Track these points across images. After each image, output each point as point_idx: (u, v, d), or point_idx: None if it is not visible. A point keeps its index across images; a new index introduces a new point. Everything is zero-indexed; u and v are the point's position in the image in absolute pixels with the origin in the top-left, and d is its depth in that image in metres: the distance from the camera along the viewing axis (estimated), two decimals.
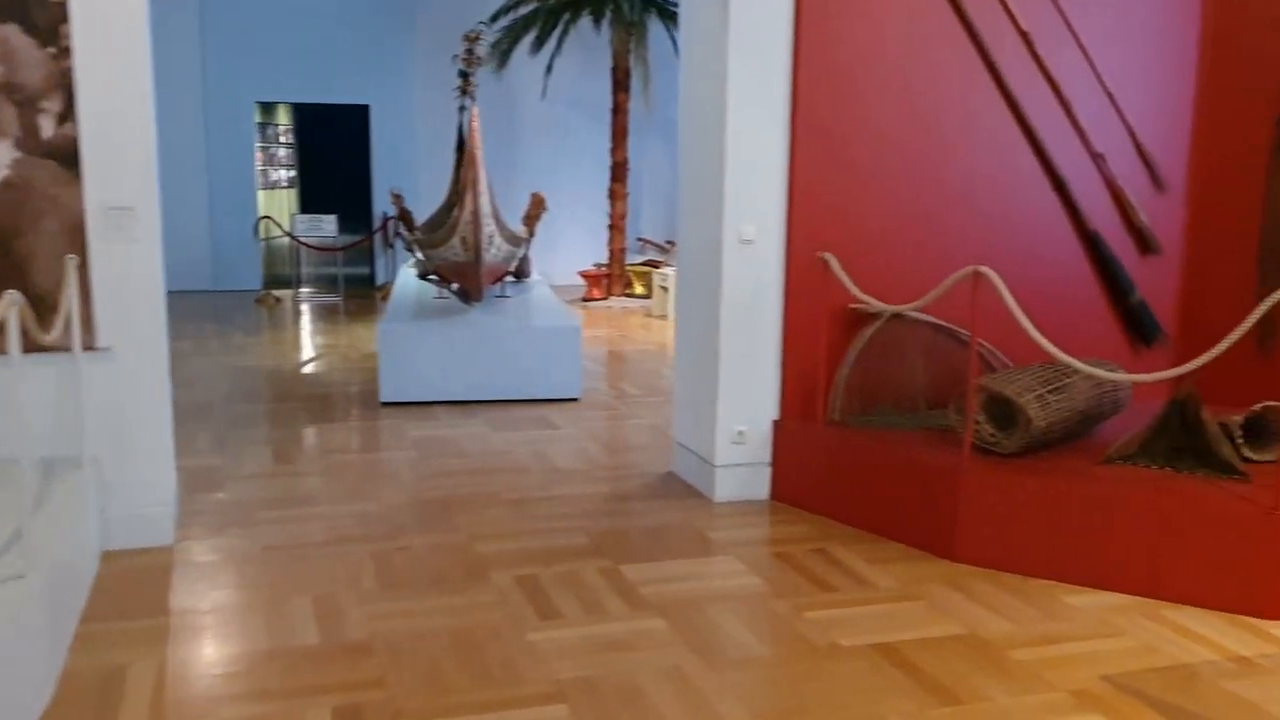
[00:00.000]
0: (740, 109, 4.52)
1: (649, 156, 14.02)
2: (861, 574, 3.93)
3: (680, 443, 5.18)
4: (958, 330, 4.71)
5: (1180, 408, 4.14)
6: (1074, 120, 4.86)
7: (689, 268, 5.06)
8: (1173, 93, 5.06)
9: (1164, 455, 4.12)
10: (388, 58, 13.35)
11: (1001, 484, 3.99)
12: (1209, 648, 3.32)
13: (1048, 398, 4.18)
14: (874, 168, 4.67)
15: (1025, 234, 4.91)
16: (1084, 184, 4.93)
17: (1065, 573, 3.84)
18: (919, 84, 4.68)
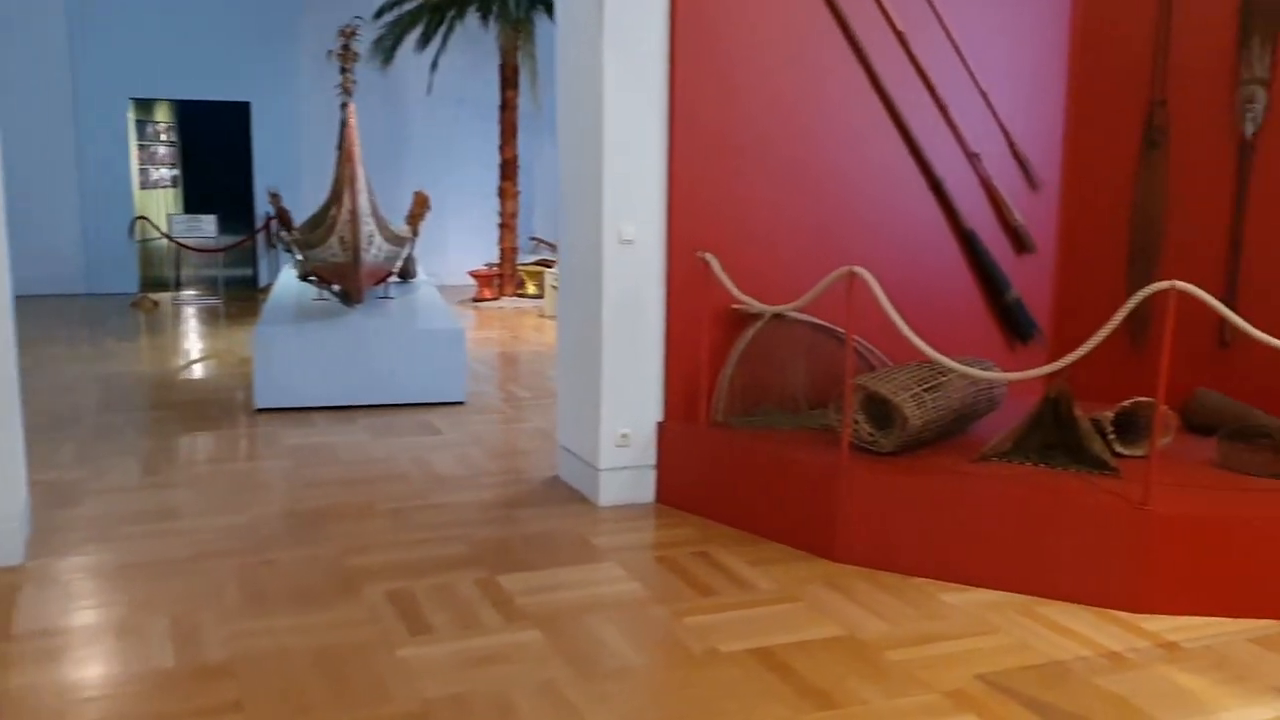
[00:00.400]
0: (617, 108, 4.45)
1: (541, 154, 13.89)
2: (743, 576, 3.90)
3: (564, 447, 5.09)
4: (838, 330, 4.71)
5: (1053, 404, 4.19)
6: (950, 120, 4.91)
7: (570, 268, 4.97)
8: (1045, 93, 5.14)
9: (1037, 452, 4.17)
10: (269, 53, 12.98)
11: (879, 483, 3.99)
12: (1081, 643, 3.36)
13: (924, 396, 4.20)
14: (754, 167, 4.64)
15: (904, 233, 4.94)
16: (960, 184, 4.99)
17: (942, 571, 3.86)
18: (797, 84, 4.67)
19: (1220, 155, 4.77)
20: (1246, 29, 4.64)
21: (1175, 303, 3.47)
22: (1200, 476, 3.96)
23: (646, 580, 3.86)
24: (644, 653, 3.28)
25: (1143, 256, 5.02)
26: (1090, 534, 3.65)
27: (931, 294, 4.99)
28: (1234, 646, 3.34)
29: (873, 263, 4.55)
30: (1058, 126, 5.19)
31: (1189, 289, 3.47)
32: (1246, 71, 4.64)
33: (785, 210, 4.73)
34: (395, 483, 5.08)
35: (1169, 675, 3.14)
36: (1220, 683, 3.10)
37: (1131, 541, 3.58)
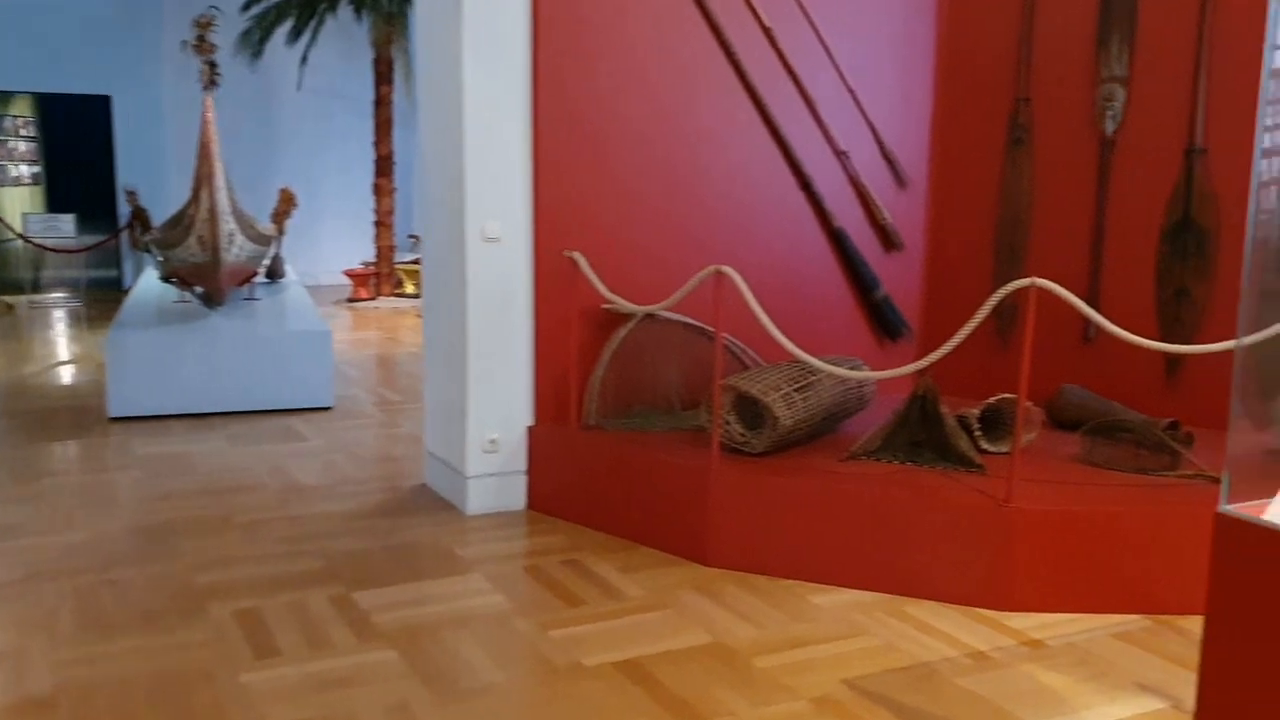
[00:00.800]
0: (478, 103, 4.30)
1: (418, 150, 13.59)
2: (612, 584, 3.79)
3: (431, 453, 4.92)
4: (710, 329, 4.64)
5: (920, 402, 4.19)
6: (818, 118, 4.89)
7: (434, 267, 4.80)
8: (912, 92, 5.16)
9: (905, 449, 4.17)
10: (130, 44, 12.43)
11: (750, 484, 3.93)
12: (947, 643, 3.34)
13: (794, 396, 4.15)
14: (623, 164, 4.55)
15: (775, 232, 4.90)
16: (829, 182, 4.97)
17: (812, 572, 3.81)
18: (665, 80, 4.59)
19: (1082, 153, 4.84)
20: (1105, 28, 4.72)
21: (1036, 299, 3.48)
22: (1064, 472, 4.00)
23: (512, 592, 3.73)
24: (505, 669, 3.14)
25: (1009, 254, 5.07)
26: (956, 532, 3.64)
27: (802, 292, 4.97)
28: (1097, 642, 3.35)
29: (744, 261, 4.50)
30: (925, 125, 5.21)
31: (1048, 286, 3.48)
32: (1106, 70, 4.72)
33: (656, 208, 4.64)
34: (253, 493, 4.85)
35: (1033, 674, 3.13)
36: (1083, 680, 3.10)
37: (995, 539, 3.58)
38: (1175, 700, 2.97)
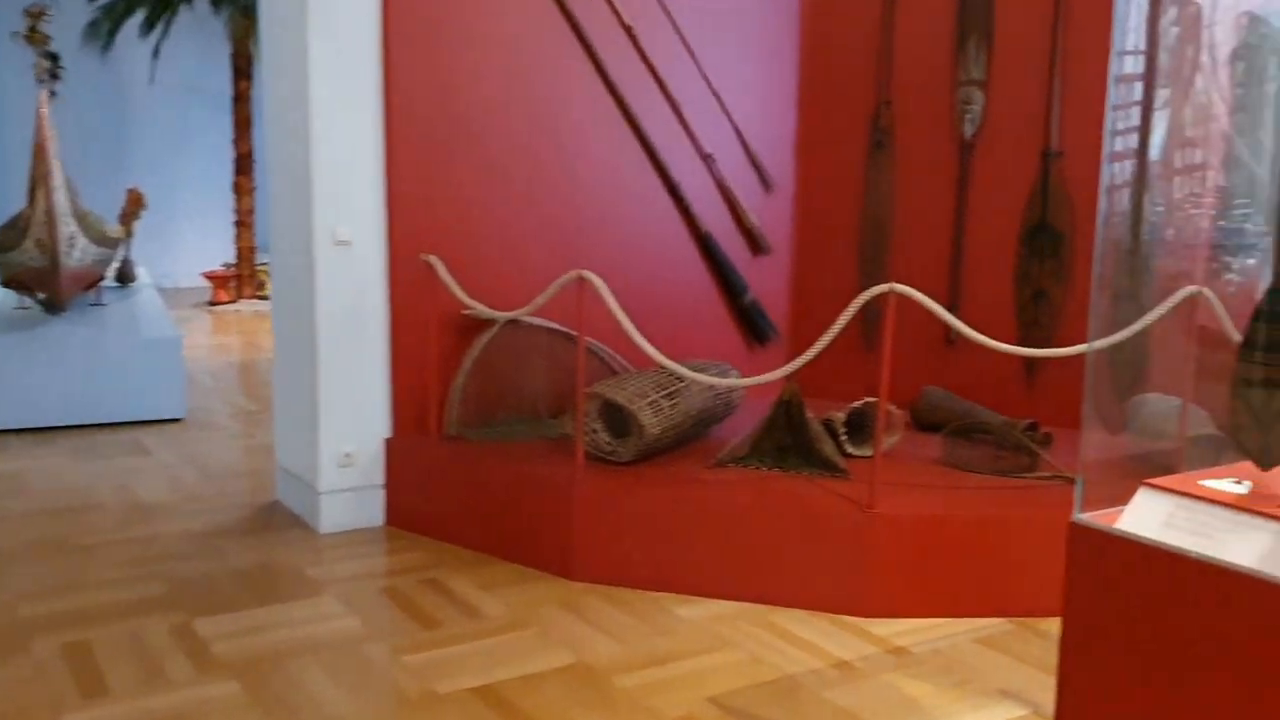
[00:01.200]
0: (326, 98, 4.10)
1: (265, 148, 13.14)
2: (472, 603, 3.65)
3: (284, 467, 4.69)
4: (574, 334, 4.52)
5: (785, 407, 4.15)
6: (683, 121, 4.82)
7: (283, 272, 4.58)
8: (777, 94, 5.13)
9: (772, 455, 4.12)
10: None
11: (615, 494, 3.83)
12: (813, 654, 3.29)
13: (662, 403, 4.07)
14: (484, 165, 4.40)
15: (642, 235, 4.81)
16: (696, 185, 4.90)
17: (680, 583, 3.73)
18: (525, 79, 4.46)
19: (942, 155, 4.88)
20: (963, 31, 4.76)
21: (894, 304, 3.46)
22: (926, 475, 4.00)
23: (366, 615, 3.55)
24: (354, 699, 2.97)
25: (873, 257, 5.09)
26: (820, 538, 3.60)
27: (671, 296, 4.89)
28: (960, 648, 3.35)
29: (612, 265, 4.41)
30: (790, 128, 5.20)
31: (905, 291, 3.47)
32: (964, 73, 4.76)
33: (520, 211, 4.50)
34: (93, 514, 4.55)
35: (896, 683, 3.10)
36: (946, 688, 3.08)
37: (859, 545, 3.55)
38: (1036, 706, 2.97)
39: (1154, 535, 2.30)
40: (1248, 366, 2.34)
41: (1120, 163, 4.87)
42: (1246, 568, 2.09)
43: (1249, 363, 2.34)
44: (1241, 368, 2.36)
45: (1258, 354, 2.33)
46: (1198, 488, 2.35)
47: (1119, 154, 4.90)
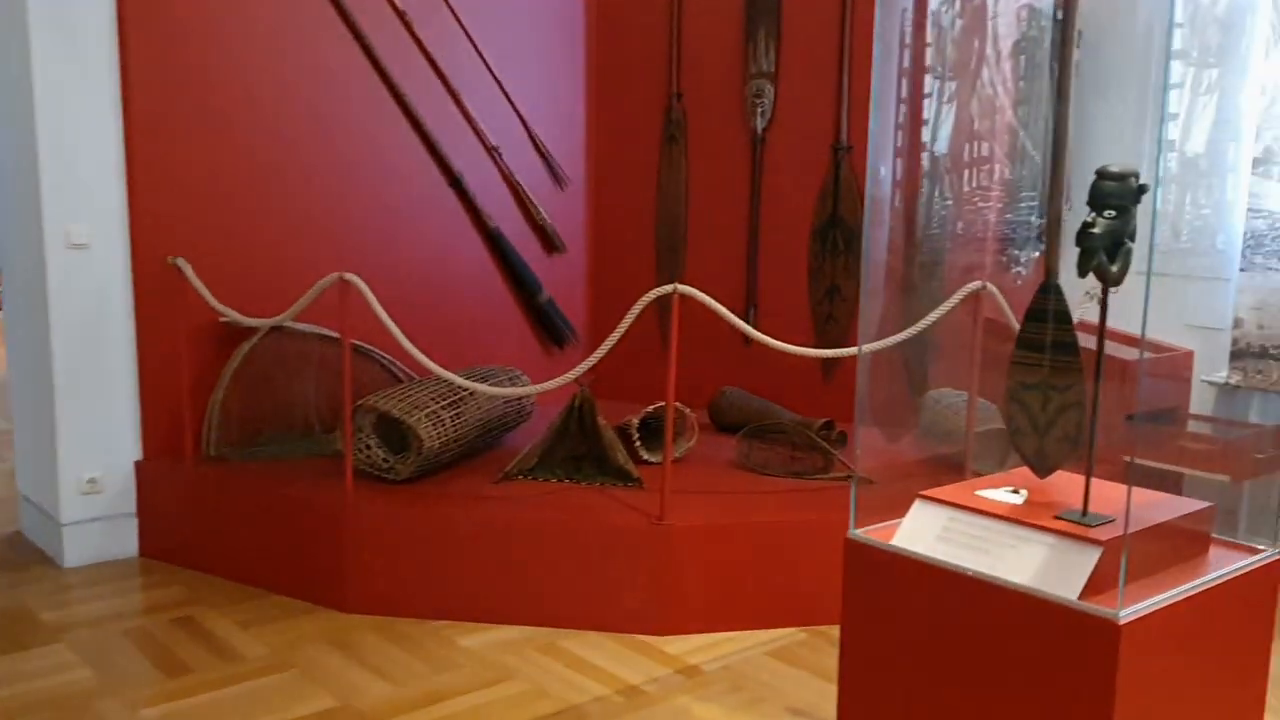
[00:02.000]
0: (52, 83, 3.66)
1: None
2: (229, 644, 3.29)
3: (25, 496, 4.21)
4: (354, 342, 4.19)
5: (577, 413, 3.94)
6: (465, 112, 4.54)
7: (14, 278, 4.09)
8: (565, 85, 4.92)
9: (563, 465, 3.91)
10: None
11: (391, 516, 3.53)
12: (600, 680, 3.08)
13: (442, 414, 3.80)
14: (241, 161, 4.02)
15: (425, 233, 4.52)
16: (482, 180, 4.64)
17: (463, 610, 3.47)
18: (289, 68, 4.10)
19: (735, 150, 4.76)
20: (753, 24, 4.64)
21: (679, 305, 3.30)
22: (721, 480, 3.86)
23: (103, 664, 3.15)
24: None
25: (670, 254, 4.93)
26: (610, 555, 3.40)
27: (461, 297, 4.62)
28: (753, 664, 3.20)
29: (392, 264, 4.13)
30: (580, 121, 4.99)
31: (689, 291, 3.30)
32: (755, 66, 4.65)
33: (284, 208, 4.15)
34: None
35: (686, 707, 2.93)
36: (737, 708, 2.93)
37: (650, 559, 3.37)
38: None
39: (928, 549, 2.18)
40: (1022, 369, 2.24)
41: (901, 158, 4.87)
42: (1015, 583, 1.98)
43: (1023, 365, 2.24)
44: (1015, 370, 2.27)
45: (1031, 355, 2.24)
46: (972, 498, 2.24)
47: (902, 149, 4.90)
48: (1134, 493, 2.26)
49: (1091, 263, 1.97)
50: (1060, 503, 2.18)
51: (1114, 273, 1.97)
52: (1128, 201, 1.92)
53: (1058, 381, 2.20)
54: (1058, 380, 2.20)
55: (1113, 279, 1.99)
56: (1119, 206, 1.91)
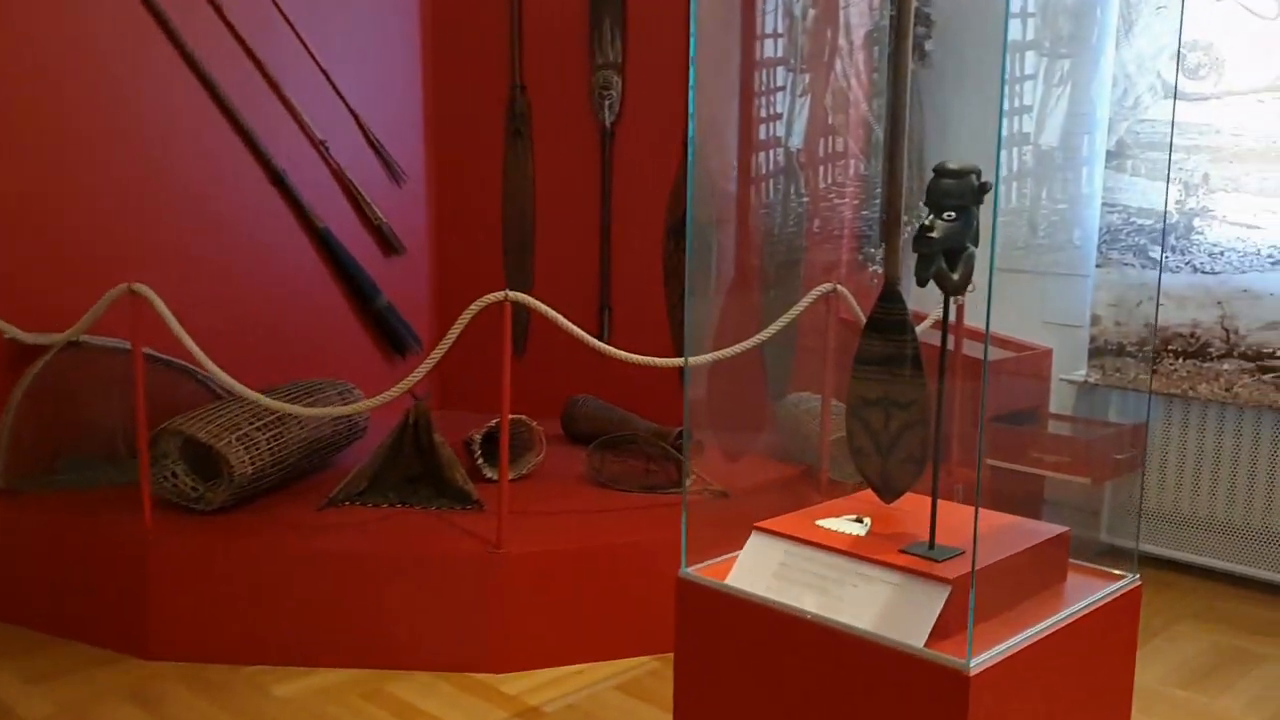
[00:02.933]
0: None
1: None
2: (9, 703, 2.91)
3: None
4: (162, 356, 3.81)
5: (412, 430, 3.64)
6: (287, 103, 4.19)
7: None
8: (399, 75, 4.59)
9: (397, 488, 3.61)
10: None
11: (200, 550, 3.19)
12: None
13: (256, 436, 3.46)
14: (25, 155, 3.61)
15: (246, 235, 4.15)
16: (308, 176, 4.29)
17: (280, 653, 3.14)
18: (78, 52, 3.69)
19: (583, 144, 4.51)
20: (597, 10, 4.40)
21: (509, 314, 3.04)
22: (568, 498, 3.61)
23: None
24: None
25: (518, 254, 4.66)
26: (443, 587, 3.12)
27: (289, 305, 4.27)
28: (599, 700, 2.96)
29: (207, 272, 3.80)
30: (418, 113, 4.67)
31: (521, 299, 3.05)
32: (601, 56, 4.40)
33: (77, 209, 3.74)
34: None
35: None
36: None
37: (486, 591, 3.10)
38: None
39: (764, 588, 1.95)
40: (863, 383, 2.04)
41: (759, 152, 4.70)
42: (856, 628, 1.78)
43: (863, 379, 2.04)
44: (855, 385, 2.07)
45: (872, 369, 2.04)
46: (812, 529, 2.03)
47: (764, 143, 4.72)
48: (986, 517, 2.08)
49: (930, 269, 1.77)
50: (907, 532, 1.99)
51: (954, 281, 1.78)
52: (968, 201, 1.73)
53: (900, 397, 2.01)
54: (900, 396, 2.01)
55: (953, 287, 1.80)
56: (959, 207, 1.71)
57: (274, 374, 3.96)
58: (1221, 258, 3.63)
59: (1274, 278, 3.55)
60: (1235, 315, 3.62)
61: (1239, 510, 3.75)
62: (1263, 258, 3.56)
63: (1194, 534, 3.87)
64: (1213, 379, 3.69)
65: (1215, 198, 3.63)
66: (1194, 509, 3.85)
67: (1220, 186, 3.61)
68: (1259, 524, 3.72)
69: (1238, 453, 3.73)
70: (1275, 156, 3.52)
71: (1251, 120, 3.54)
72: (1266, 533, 3.71)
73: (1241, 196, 3.58)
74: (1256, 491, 3.71)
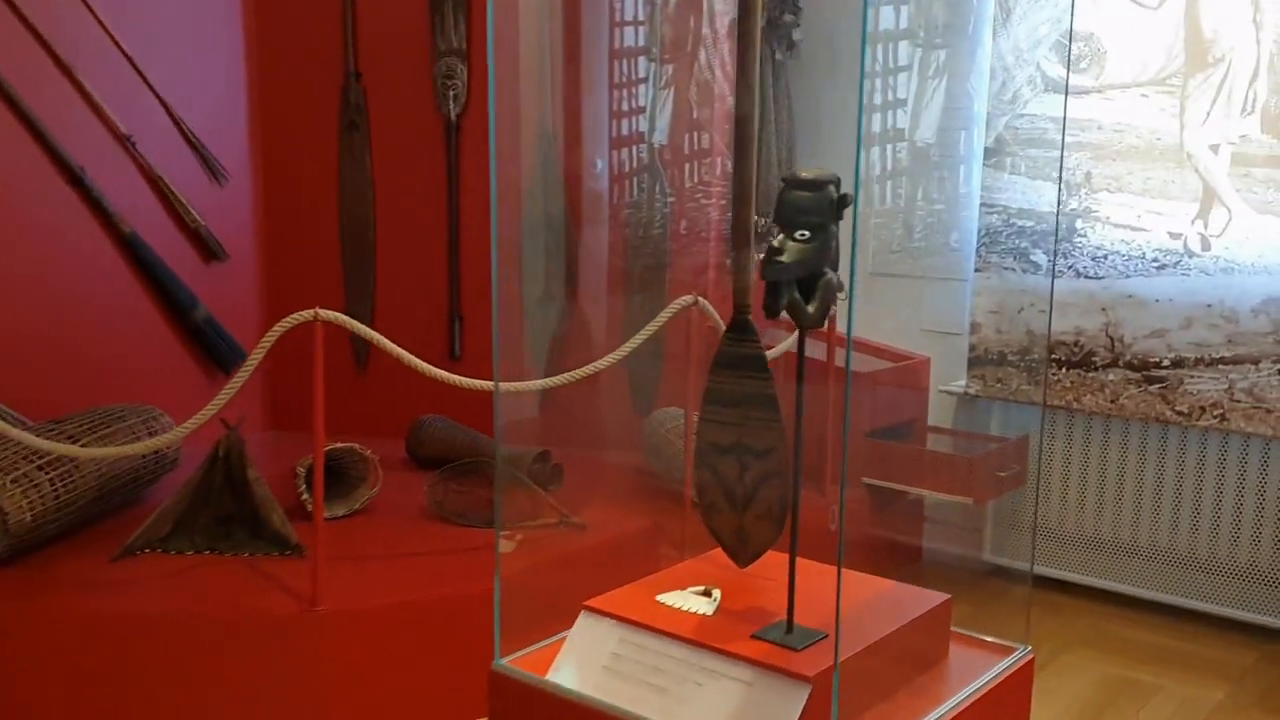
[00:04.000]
0: None
1: None
2: None
3: None
4: None
5: (222, 463, 3.20)
6: (85, 94, 3.69)
7: None
8: (218, 61, 4.12)
9: (207, 532, 3.16)
10: None
11: None
12: None
13: (38, 477, 2.98)
14: None
15: (38, 241, 3.63)
16: (112, 176, 3.79)
17: None
18: None
19: (426, 138, 4.10)
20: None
21: (322, 335, 2.66)
22: (405, 538, 3.23)
23: None
24: None
25: (358, 259, 4.24)
26: (253, 651, 2.71)
27: (89, 319, 3.77)
28: None
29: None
30: (241, 104, 4.20)
31: (332, 317, 2.66)
32: (443, 42, 4.01)
33: None
34: None
35: None
36: None
37: (302, 654, 2.70)
38: None
39: (592, 685, 1.60)
40: (713, 427, 1.71)
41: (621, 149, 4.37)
42: None
43: (714, 423, 1.71)
44: (704, 428, 1.73)
45: (723, 411, 1.71)
46: (651, 608, 1.70)
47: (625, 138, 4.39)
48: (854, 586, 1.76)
49: (781, 300, 1.45)
50: (763, 608, 1.67)
51: (810, 314, 1.46)
52: (826, 218, 1.40)
53: (757, 444, 1.68)
54: (757, 443, 1.68)
55: (809, 321, 1.48)
56: (814, 225, 1.39)
57: (72, 399, 3.48)
58: (1105, 261, 3.42)
59: (1159, 283, 3.35)
60: (1120, 323, 3.42)
61: (1126, 528, 3.57)
62: (1147, 261, 3.36)
63: (1080, 553, 3.67)
64: (1097, 390, 3.48)
65: (1098, 198, 3.42)
66: (1079, 526, 3.65)
67: (1103, 186, 3.40)
68: (1147, 542, 3.53)
69: (1123, 467, 3.54)
70: (1159, 154, 3.32)
71: (1134, 116, 3.33)
72: (1155, 551, 3.53)
73: (1124, 196, 3.37)
74: (1144, 508, 3.53)
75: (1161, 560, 3.53)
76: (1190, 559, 3.47)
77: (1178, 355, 3.33)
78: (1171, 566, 3.51)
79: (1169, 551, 3.51)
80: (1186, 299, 3.31)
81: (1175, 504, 3.47)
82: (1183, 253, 3.31)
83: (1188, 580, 3.49)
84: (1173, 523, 3.49)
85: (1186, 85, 3.27)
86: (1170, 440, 3.45)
